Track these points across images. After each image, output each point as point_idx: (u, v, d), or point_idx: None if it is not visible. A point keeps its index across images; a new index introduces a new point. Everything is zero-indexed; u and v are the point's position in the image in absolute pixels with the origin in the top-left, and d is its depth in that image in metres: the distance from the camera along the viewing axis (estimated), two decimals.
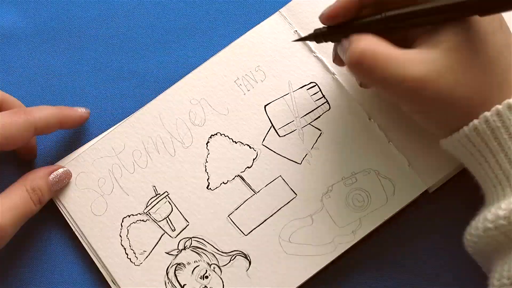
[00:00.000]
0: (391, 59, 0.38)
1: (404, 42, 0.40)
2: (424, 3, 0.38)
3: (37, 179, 0.46)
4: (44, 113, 0.46)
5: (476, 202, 0.42)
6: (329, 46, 0.48)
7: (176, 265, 0.47)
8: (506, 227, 0.36)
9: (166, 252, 0.47)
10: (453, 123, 0.40)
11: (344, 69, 0.48)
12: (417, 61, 0.37)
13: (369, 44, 0.38)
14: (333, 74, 0.49)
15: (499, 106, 0.37)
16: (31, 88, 0.52)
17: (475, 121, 0.38)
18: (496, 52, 0.38)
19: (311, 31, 0.47)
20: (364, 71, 0.39)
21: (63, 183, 0.48)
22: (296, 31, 0.50)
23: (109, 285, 0.47)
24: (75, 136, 0.51)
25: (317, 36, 0.43)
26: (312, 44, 0.49)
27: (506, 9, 0.35)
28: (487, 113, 0.38)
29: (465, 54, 0.37)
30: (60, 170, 0.47)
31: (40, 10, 0.54)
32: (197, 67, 0.50)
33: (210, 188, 0.48)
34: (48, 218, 0.49)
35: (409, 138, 0.47)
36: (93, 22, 0.53)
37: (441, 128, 0.41)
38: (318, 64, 0.49)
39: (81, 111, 0.49)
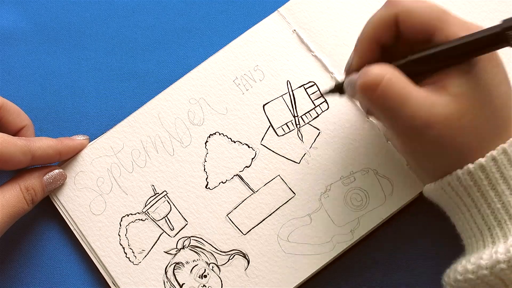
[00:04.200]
0: (405, 93, 0.37)
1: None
2: (437, 46, 0.38)
3: (32, 178, 0.46)
4: (43, 143, 0.46)
5: None
6: (327, 45, 0.48)
7: (174, 264, 0.47)
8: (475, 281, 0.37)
9: (164, 251, 0.47)
10: (443, 168, 0.39)
11: (342, 69, 0.48)
12: (428, 101, 0.37)
13: (386, 70, 0.38)
14: (332, 73, 0.49)
15: (493, 152, 0.37)
16: (31, 88, 0.52)
17: (470, 165, 0.38)
18: (499, 103, 0.38)
19: (310, 30, 0.47)
20: (376, 97, 0.38)
21: (57, 184, 0.48)
22: (294, 30, 0.50)
23: (108, 285, 0.47)
24: None
25: (340, 88, 0.43)
26: (310, 43, 0.49)
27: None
28: (481, 160, 0.37)
29: (472, 102, 0.37)
30: (55, 171, 0.48)
31: (40, 10, 0.54)
32: (196, 66, 0.50)
33: (209, 188, 0.48)
34: (47, 218, 0.50)
35: None
36: (93, 22, 0.54)
37: (428, 172, 0.41)
38: (317, 64, 0.49)
39: (79, 139, 0.49)
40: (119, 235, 0.47)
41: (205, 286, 0.46)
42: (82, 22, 0.54)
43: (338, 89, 0.43)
